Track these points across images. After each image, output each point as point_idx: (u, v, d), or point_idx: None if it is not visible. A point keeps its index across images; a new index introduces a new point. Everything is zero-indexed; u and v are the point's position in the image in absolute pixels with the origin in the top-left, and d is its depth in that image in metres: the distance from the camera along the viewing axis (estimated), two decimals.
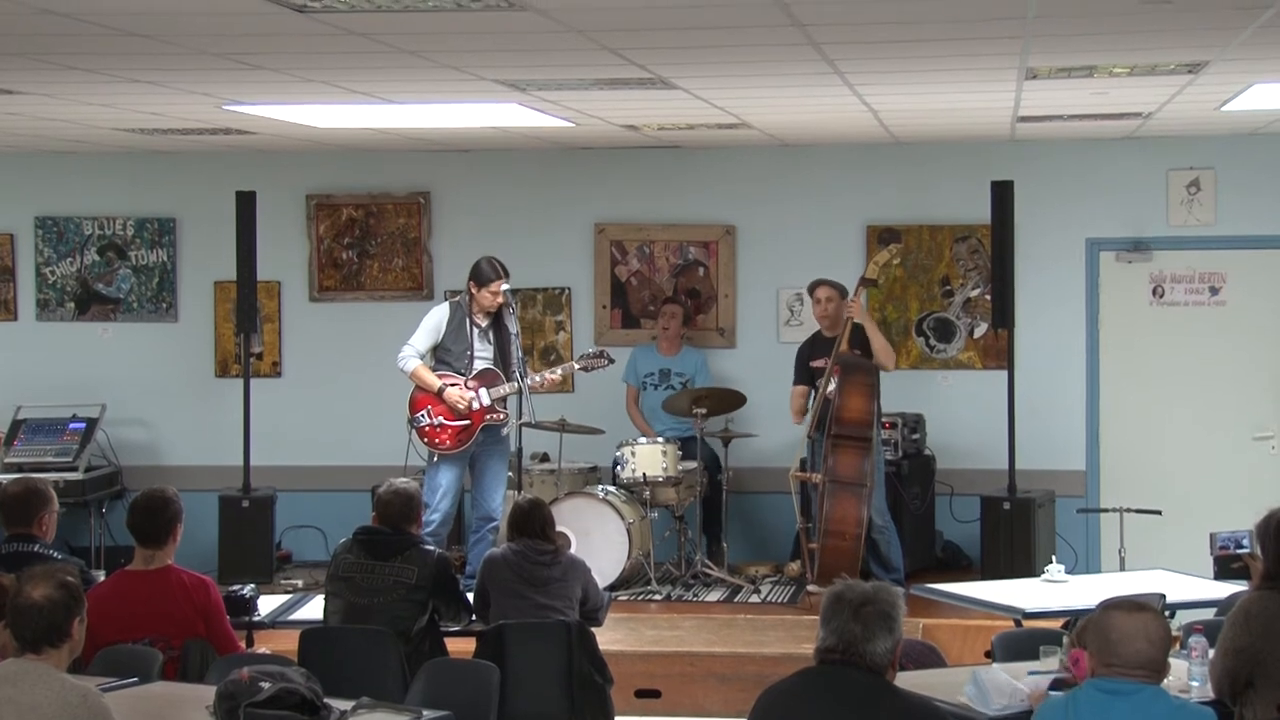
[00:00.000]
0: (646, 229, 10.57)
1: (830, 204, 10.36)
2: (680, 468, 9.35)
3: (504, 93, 7.41)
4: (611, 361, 9.25)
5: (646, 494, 9.29)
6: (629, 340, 10.45)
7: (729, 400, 9.67)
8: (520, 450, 9.07)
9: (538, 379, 8.92)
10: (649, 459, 9.26)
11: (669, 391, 9.92)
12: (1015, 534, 9.17)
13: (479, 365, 8.82)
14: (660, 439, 9.47)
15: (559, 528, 7.18)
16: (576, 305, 10.64)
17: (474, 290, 8.81)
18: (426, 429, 8.78)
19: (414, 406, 8.84)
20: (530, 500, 6.73)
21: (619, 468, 9.34)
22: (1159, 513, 8.90)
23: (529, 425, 8.86)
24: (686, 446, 9.54)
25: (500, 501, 8.83)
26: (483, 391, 8.76)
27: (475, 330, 8.83)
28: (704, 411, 9.44)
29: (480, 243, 9.86)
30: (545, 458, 10.00)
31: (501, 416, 8.83)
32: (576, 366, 9.22)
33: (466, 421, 8.76)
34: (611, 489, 9.32)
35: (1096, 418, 10.18)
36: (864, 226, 10.32)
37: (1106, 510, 9.26)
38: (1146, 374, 10.14)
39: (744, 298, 10.49)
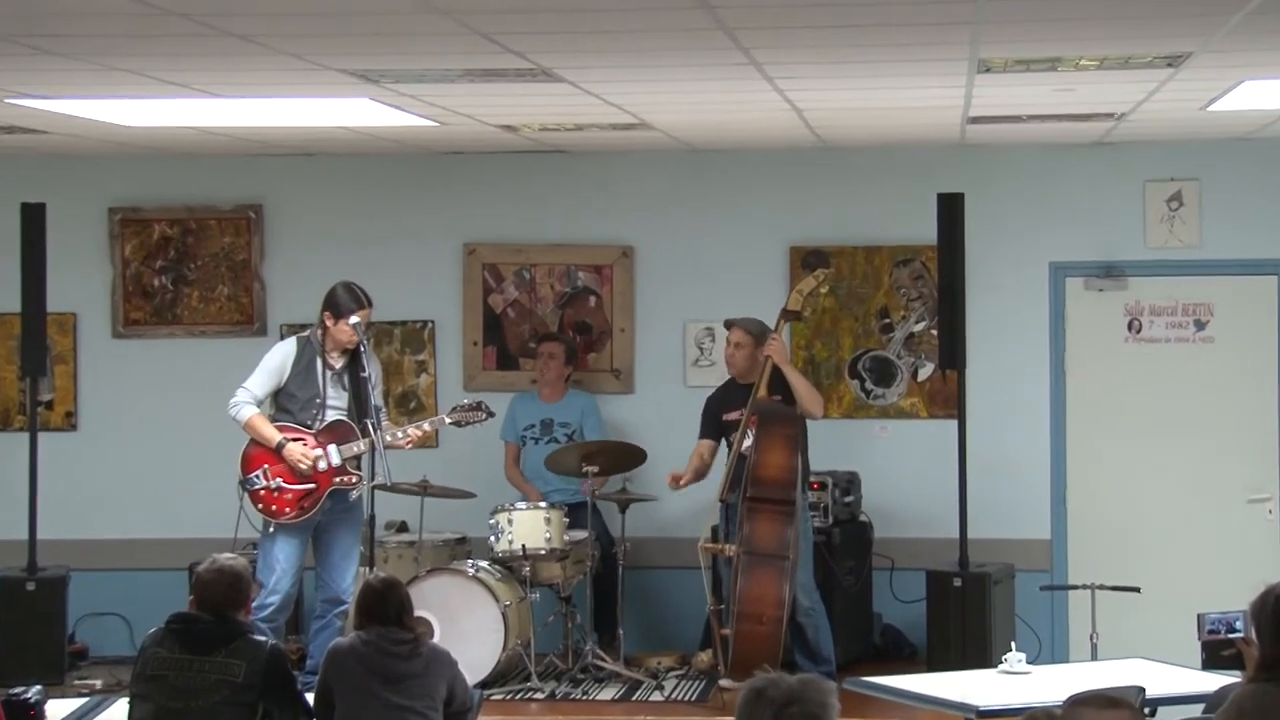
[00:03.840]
0: (526, 250, 10.57)
1: (747, 221, 10.42)
2: (567, 538, 9.33)
3: (352, 85, 7.39)
4: (490, 415, 9.20)
5: (526, 570, 9.26)
6: (506, 384, 10.43)
7: (626, 457, 9.67)
8: (373, 518, 9.00)
9: (399, 435, 8.84)
10: (529, 528, 9.23)
11: (553, 446, 9.91)
12: (968, 616, 9.24)
13: (330, 416, 8.74)
14: (544, 503, 9.44)
15: (419, 612, 7.15)
16: (441, 342, 10.62)
17: (328, 324, 8.75)
18: (262, 493, 8.69)
19: (247, 465, 8.74)
20: (384, 580, 6.68)
21: (493, 539, 9.31)
22: (1137, 590, 9.00)
23: (383, 488, 8.79)
24: (575, 513, 9.53)
25: (351, 581, 8.77)
26: (332, 449, 8.69)
27: (328, 373, 8.77)
28: (596, 470, 9.44)
29: (323, 267, 9.81)
30: (403, 527, 9.93)
31: (354, 480, 8.75)
32: (447, 420, 9.14)
33: (311, 485, 8.68)
34: (484, 565, 9.28)
35: (1063, 477, 10.30)
36: (787, 248, 10.39)
37: (1075, 587, 9.35)
38: (1122, 424, 10.28)
39: (644, 333, 10.52)
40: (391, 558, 9.46)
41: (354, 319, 8.67)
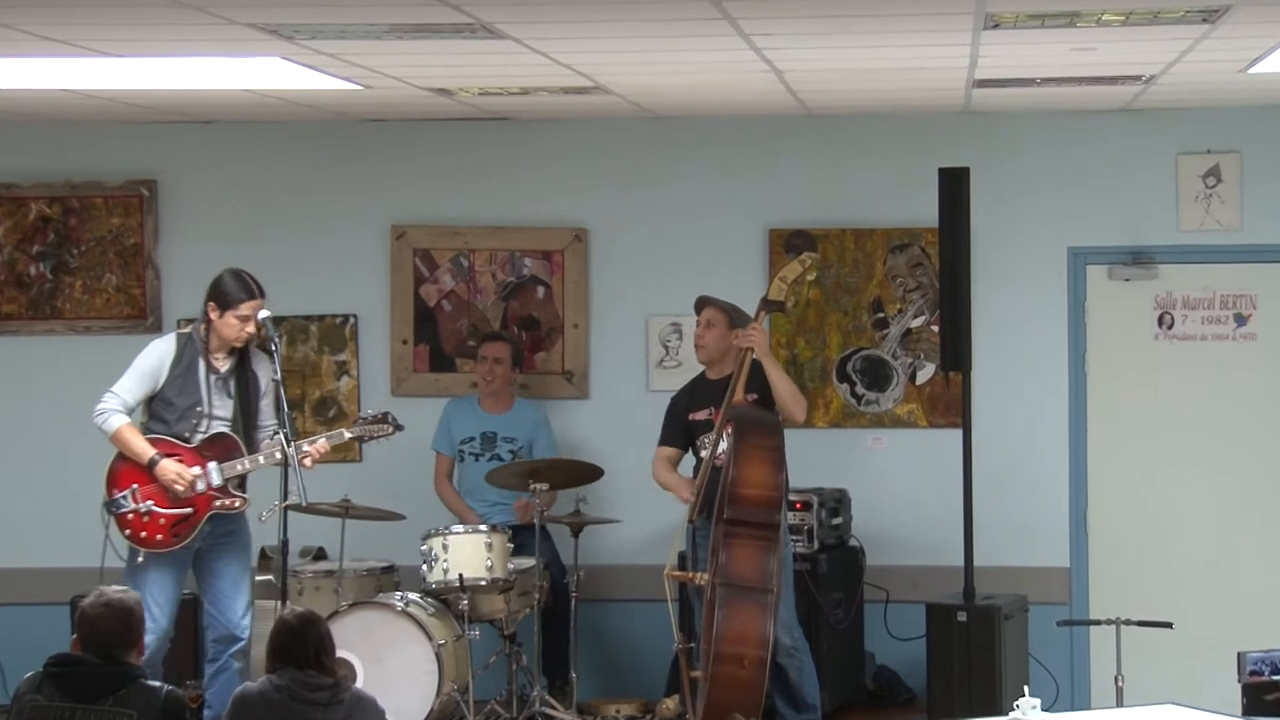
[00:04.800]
0: (464, 233, 10.57)
1: (719, 200, 10.44)
2: (511, 566, 9.33)
3: (262, 41, 7.37)
4: (398, 428, 9.09)
5: (464, 604, 9.25)
6: (440, 388, 10.43)
7: (580, 473, 9.67)
8: (285, 544, 8.95)
9: (304, 448, 8.77)
10: (467, 555, 9.22)
11: (495, 464, 9.89)
12: (974, 656, 9.25)
13: (214, 427, 8.69)
14: (484, 526, 9.43)
15: (341, 653, 7.13)
16: (365, 340, 10.61)
17: (213, 316, 8.69)
18: (130, 516, 8.60)
19: (114, 482, 8.65)
20: (299, 616, 6.67)
21: (426, 567, 9.30)
22: (1169, 625, 9.05)
23: (298, 509, 8.76)
24: (521, 536, 9.52)
25: (244, 614, 8.74)
26: (213, 467, 8.63)
27: (211, 377, 8.71)
28: (545, 487, 9.43)
29: (226, 253, 9.77)
30: (321, 554, 9.92)
31: (237, 504, 8.69)
32: (347, 435, 9.09)
33: (187, 510, 8.61)
34: (415, 597, 9.28)
35: (1084, 495, 10.34)
36: (766, 231, 10.41)
37: (1098, 622, 9.38)
38: (1151, 434, 10.32)
39: (600, 329, 10.53)
40: (308, 589, 9.43)
41: (243, 309, 8.62)
